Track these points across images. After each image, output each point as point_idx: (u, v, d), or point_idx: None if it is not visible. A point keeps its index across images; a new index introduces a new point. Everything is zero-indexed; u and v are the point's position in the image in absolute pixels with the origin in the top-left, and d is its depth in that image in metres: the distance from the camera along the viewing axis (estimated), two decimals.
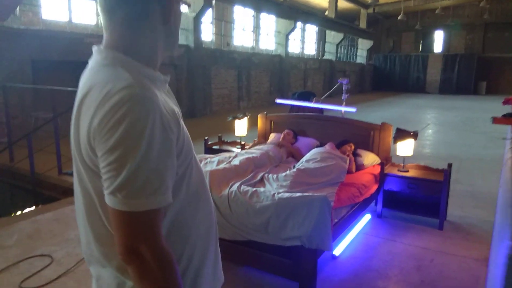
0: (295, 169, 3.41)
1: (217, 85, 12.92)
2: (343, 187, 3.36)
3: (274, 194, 2.84)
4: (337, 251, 3.22)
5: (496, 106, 17.34)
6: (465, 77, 25.57)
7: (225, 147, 5.08)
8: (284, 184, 3.19)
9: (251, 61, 14.66)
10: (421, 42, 29.13)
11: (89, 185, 0.96)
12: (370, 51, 27.37)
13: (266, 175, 3.48)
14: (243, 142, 4.97)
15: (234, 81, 13.89)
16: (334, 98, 16.17)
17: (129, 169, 0.85)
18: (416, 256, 3.27)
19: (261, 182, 3.39)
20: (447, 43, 28.03)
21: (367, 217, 3.98)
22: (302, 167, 3.44)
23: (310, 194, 2.76)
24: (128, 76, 0.91)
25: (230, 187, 3.08)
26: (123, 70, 0.93)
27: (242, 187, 3.06)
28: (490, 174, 5.94)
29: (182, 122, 1.03)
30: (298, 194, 2.75)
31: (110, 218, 0.91)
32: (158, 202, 0.89)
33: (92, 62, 1.00)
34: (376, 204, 4.11)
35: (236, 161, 3.63)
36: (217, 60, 12.76)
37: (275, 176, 3.39)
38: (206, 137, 5.03)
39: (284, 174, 3.35)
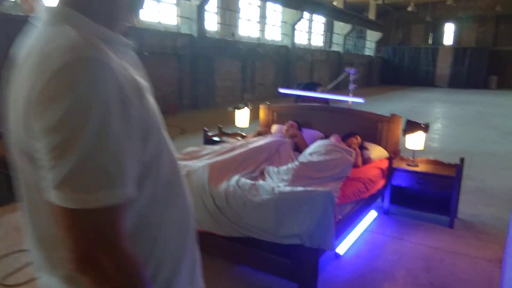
0: (297, 162, 3.21)
1: (221, 76, 12.70)
2: (348, 182, 3.16)
3: (274, 188, 2.65)
4: (340, 250, 3.03)
5: (507, 101, 16.97)
6: (476, 71, 25.07)
7: (225, 139, 4.88)
8: (285, 178, 2.99)
9: (257, 52, 14.40)
10: (431, 34, 28.59)
11: (30, 176, 0.78)
12: (378, 43, 26.93)
13: (267, 168, 3.29)
14: (244, 134, 4.77)
15: (238, 73, 13.66)
16: (341, 90, 15.85)
17: (76, 154, 0.66)
18: (424, 256, 3.07)
19: (262, 175, 3.20)
20: (457, 36, 27.48)
21: (373, 214, 3.78)
22: (305, 160, 3.24)
23: (313, 189, 2.56)
24: (76, 35, 0.71)
25: (229, 180, 2.90)
26: (70, 29, 0.73)
27: (241, 180, 2.87)
28: (502, 170, 5.70)
29: (149, 97, 0.84)
30: (300, 189, 2.56)
31: (56, 218, 0.72)
32: (116, 196, 0.70)
33: (37, 23, 0.81)
34: (383, 200, 3.91)
35: (236, 153, 3.44)
36: (221, 50, 12.53)
37: (276, 169, 3.19)
38: (206, 128, 4.84)
39: (285, 167, 3.16)
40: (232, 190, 2.74)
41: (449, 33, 28.06)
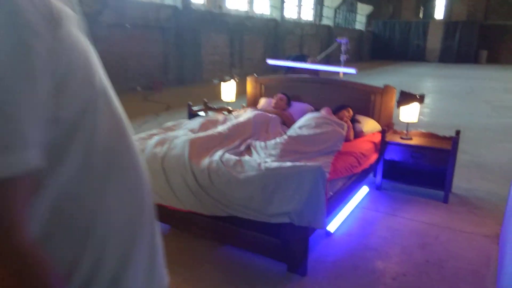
0: (286, 136, 3.01)
1: (208, 51, 12.30)
2: (339, 156, 2.97)
3: (260, 163, 2.45)
4: (331, 228, 2.87)
5: (497, 75, 16.89)
6: (466, 45, 24.90)
7: (211, 113, 4.64)
8: (273, 153, 2.79)
9: (245, 25, 13.95)
10: (421, 8, 28.17)
11: None
12: (369, 17, 26.46)
13: (253, 142, 3.08)
14: (231, 108, 4.54)
15: (226, 47, 13.26)
16: (331, 63, 15.53)
17: None
18: (419, 233, 2.93)
19: (248, 150, 3.00)
20: (448, 10, 27.11)
21: (365, 190, 3.62)
22: (294, 134, 3.04)
23: (302, 164, 2.36)
24: None
25: (212, 156, 2.68)
26: None
27: (225, 155, 2.67)
28: (495, 144, 5.59)
29: (73, 30, 0.61)
30: (288, 164, 2.36)
31: None
32: (10, 165, 0.49)
33: None
34: (375, 175, 3.74)
35: (220, 128, 3.22)
36: (208, 23, 12.08)
37: (263, 144, 2.99)
38: (190, 102, 4.59)
39: (273, 141, 2.96)
40: (215, 167, 2.53)
41: (440, 7, 27.68)
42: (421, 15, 28.12)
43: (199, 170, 2.55)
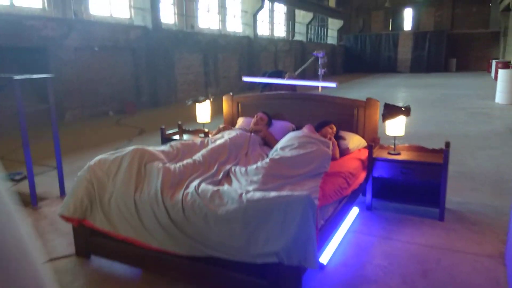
0: (267, 160, 2.73)
1: (181, 71, 12.02)
2: (327, 178, 2.72)
3: (241, 194, 2.16)
4: (324, 259, 2.59)
5: (468, 82, 17.27)
6: (436, 54, 25.54)
7: (186, 137, 4.34)
8: (254, 179, 2.51)
9: (218, 43, 13.79)
10: (391, 20, 28.87)
11: None
12: (340, 32, 26.89)
13: (233, 168, 2.80)
14: (207, 130, 4.25)
15: (200, 66, 13.02)
16: (307, 77, 15.54)
17: None
18: (419, 257, 2.68)
19: (228, 178, 2.71)
20: (416, 21, 27.88)
21: (355, 211, 3.37)
22: (277, 156, 2.77)
23: (288, 193, 2.08)
24: None
25: (186, 188, 2.38)
26: None
27: (202, 186, 2.37)
28: (478, 151, 5.48)
29: None
30: (273, 194, 2.08)
31: None
32: None
33: None
34: (364, 195, 3.50)
35: (196, 154, 2.93)
36: (180, 43, 11.83)
37: (243, 169, 2.70)
38: (163, 126, 4.27)
39: (254, 166, 2.67)
40: (190, 199, 2.23)
41: (408, 18, 28.43)
42: (390, 28, 28.80)
43: (172, 204, 2.25)
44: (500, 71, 10.34)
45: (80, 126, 8.17)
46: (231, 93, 4.31)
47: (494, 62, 17.65)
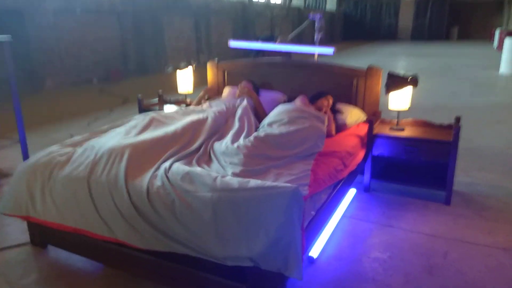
0: (251, 138, 2.33)
1: (171, 36, 11.37)
2: (321, 159, 2.33)
3: (216, 178, 1.78)
4: (314, 252, 2.25)
5: (470, 51, 16.69)
6: (437, 22, 24.74)
7: (167, 107, 3.92)
8: (235, 160, 2.13)
9: (210, 8, 13.04)
10: None
11: None
12: None
13: (214, 145, 2.40)
14: (189, 101, 3.83)
15: (191, 31, 12.35)
16: (305, 43, 14.92)
17: None
18: (423, 250, 2.35)
19: (209, 156, 2.32)
20: None
21: (351, 193, 3.01)
22: (262, 134, 2.37)
23: (270, 184, 1.70)
24: None
25: (157, 168, 2.00)
26: None
27: (175, 166, 1.98)
28: (486, 126, 5.11)
29: None
30: (252, 183, 1.70)
31: None
32: None
33: None
34: (362, 174, 3.14)
35: (172, 127, 2.52)
36: (169, 6, 11.12)
37: (223, 146, 2.31)
38: (139, 95, 3.84)
39: (235, 144, 2.28)
40: (157, 183, 1.86)
41: None
42: None
43: (136, 188, 1.87)
44: (508, 40, 9.79)
45: (60, 94, 7.67)
46: (216, 59, 3.86)
47: (497, 31, 16.99)
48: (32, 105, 6.72)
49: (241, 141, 2.34)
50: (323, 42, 4.44)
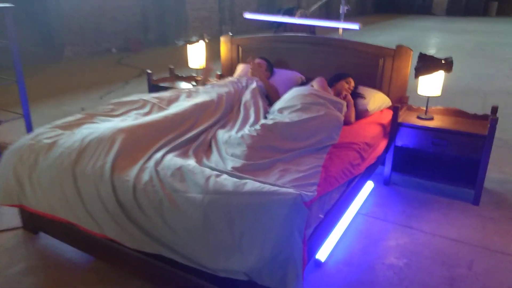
0: (258, 126, 2.10)
1: (193, 6, 11.00)
2: (335, 152, 2.08)
3: (209, 177, 1.56)
4: (321, 255, 2.04)
5: (509, 30, 15.57)
6: None
7: (178, 84, 3.71)
8: (237, 152, 1.90)
9: None
10: None
11: None
12: None
13: (217, 133, 2.19)
14: (199, 78, 3.59)
15: (214, 1, 11.93)
16: (333, 18, 14.26)
17: None
18: (445, 258, 2.10)
19: (207, 144, 2.11)
20: None
21: (368, 186, 2.76)
22: (271, 122, 2.12)
23: (271, 190, 1.47)
24: None
25: (148, 159, 1.81)
26: None
27: (167, 158, 1.79)
28: None
29: None
30: (249, 186, 1.48)
31: None
32: None
33: None
34: (383, 164, 2.87)
35: (173, 110, 2.31)
36: None
37: (227, 135, 2.09)
38: (149, 70, 3.63)
39: (240, 133, 2.05)
40: (145, 177, 1.67)
41: None
42: None
43: (122, 182, 1.68)
44: None
45: (79, 64, 7.56)
46: (230, 33, 3.58)
47: None
48: (49, 75, 6.64)
49: (246, 129, 2.10)
50: (351, 15, 4.07)
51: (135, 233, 1.63)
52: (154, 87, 3.65)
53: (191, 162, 1.72)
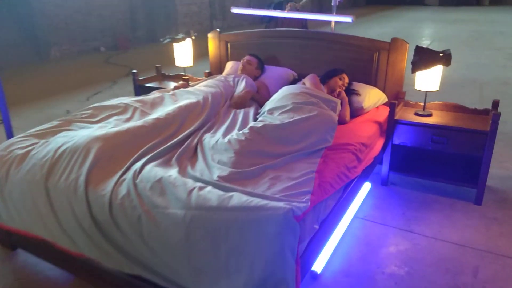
0: (247, 129, 1.96)
1: (183, 1, 10.79)
2: (329, 154, 1.95)
3: (191, 191, 1.43)
4: (318, 265, 1.91)
5: (503, 18, 15.48)
6: None
7: (165, 84, 3.55)
8: (224, 159, 1.76)
9: None
10: None
11: None
12: None
13: (204, 135, 2.05)
14: (186, 76, 3.44)
15: None
16: (326, 11, 14.07)
17: None
18: (449, 265, 1.98)
19: (193, 150, 1.97)
20: None
21: (365, 188, 2.63)
22: (260, 124, 1.98)
23: (260, 204, 1.33)
24: None
25: (126, 170, 1.66)
26: None
27: (147, 168, 1.64)
28: None
29: None
30: (235, 201, 1.34)
31: None
32: None
33: None
34: (380, 163, 2.74)
35: (155, 115, 2.17)
36: None
37: (214, 139, 1.95)
38: (134, 70, 3.47)
39: (226, 138, 1.91)
40: (122, 191, 1.52)
41: None
42: None
43: (96, 196, 1.54)
44: None
45: (65, 64, 7.36)
46: (217, 30, 3.42)
47: None
48: (34, 76, 6.44)
49: (234, 133, 1.96)
50: (343, 8, 3.92)
51: (113, 252, 1.49)
52: (140, 88, 3.49)
53: (173, 173, 1.58)
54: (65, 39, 8.02)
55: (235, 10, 3.23)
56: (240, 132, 1.93)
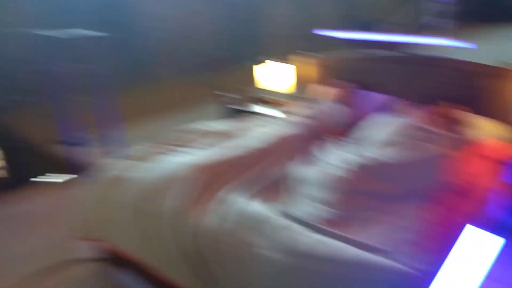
0: (355, 164, 1.82)
1: (275, 23, 10.87)
2: (443, 198, 1.73)
3: (293, 233, 1.35)
4: None
5: None
6: None
7: (256, 107, 3.56)
8: (328, 197, 1.66)
9: None
10: None
11: None
12: None
13: (298, 168, 1.97)
14: (280, 101, 3.41)
15: (295, 16, 11.70)
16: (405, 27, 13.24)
17: None
18: None
19: (283, 183, 1.90)
20: None
21: (493, 245, 2.30)
22: (371, 163, 1.81)
23: (375, 260, 1.20)
24: None
25: (219, 201, 1.65)
26: None
27: (239, 201, 1.61)
28: None
29: None
30: (346, 252, 1.23)
31: None
32: None
33: None
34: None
35: (251, 142, 2.15)
36: None
37: (312, 171, 1.86)
38: (217, 91, 3.54)
39: (329, 171, 1.81)
40: (227, 226, 1.50)
41: None
42: None
43: (203, 228, 1.54)
44: None
45: (165, 86, 7.85)
46: (307, 52, 3.36)
47: None
48: (134, 97, 6.95)
49: (334, 165, 1.84)
50: (438, 29, 3.59)
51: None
52: (230, 111, 3.56)
53: (271, 211, 1.52)
54: (166, 61, 8.61)
55: (319, 32, 3.14)
56: (345, 166, 1.80)
